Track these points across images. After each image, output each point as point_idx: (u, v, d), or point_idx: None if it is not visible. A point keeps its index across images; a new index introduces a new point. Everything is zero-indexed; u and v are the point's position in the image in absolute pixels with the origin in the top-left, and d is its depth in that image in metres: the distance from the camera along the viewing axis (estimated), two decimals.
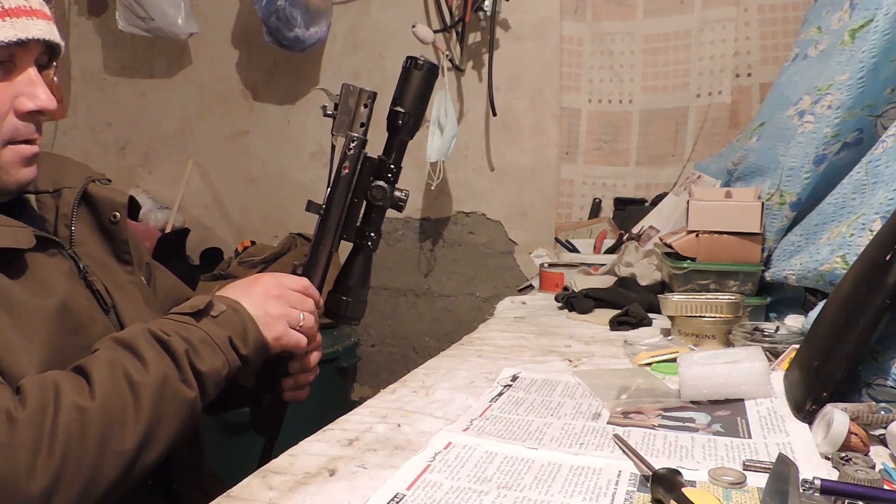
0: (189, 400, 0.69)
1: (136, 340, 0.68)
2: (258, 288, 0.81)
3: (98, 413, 0.61)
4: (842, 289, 0.77)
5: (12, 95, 0.73)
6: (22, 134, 0.74)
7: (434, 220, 2.50)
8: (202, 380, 0.70)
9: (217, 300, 0.76)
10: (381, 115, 0.93)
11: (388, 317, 2.60)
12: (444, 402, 0.80)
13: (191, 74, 2.77)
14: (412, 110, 0.92)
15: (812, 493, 0.52)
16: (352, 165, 0.91)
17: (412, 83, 0.91)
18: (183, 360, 0.69)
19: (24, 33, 0.71)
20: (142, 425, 0.64)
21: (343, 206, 0.91)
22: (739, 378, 0.76)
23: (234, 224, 2.75)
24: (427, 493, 0.56)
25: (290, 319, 0.81)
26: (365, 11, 2.49)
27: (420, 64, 0.91)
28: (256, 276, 0.83)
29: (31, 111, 0.74)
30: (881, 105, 1.06)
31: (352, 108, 0.91)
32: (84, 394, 0.62)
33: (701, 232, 1.19)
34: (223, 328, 0.74)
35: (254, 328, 0.77)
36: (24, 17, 0.71)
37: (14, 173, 0.75)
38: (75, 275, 0.78)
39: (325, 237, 0.91)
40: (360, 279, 0.93)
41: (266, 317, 0.79)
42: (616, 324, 1.18)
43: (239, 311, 0.77)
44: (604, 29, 2.20)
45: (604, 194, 2.22)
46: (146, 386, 0.65)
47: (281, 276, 0.84)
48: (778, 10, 1.99)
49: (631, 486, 0.57)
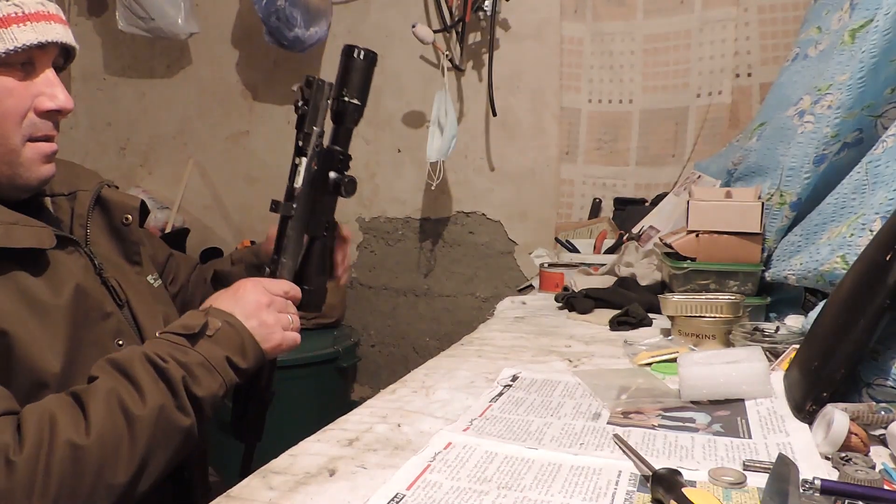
0: (185, 428, 0.70)
1: (133, 366, 0.69)
2: (249, 297, 0.81)
3: (93, 450, 0.62)
4: (842, 289, 0.77)
5: (33, 95, 0.77)
6: (41, 131, 0.78)
7: (434, 220, 2.50)
8: (199, 405, 0.71)
9: (212, 315, 0.77)
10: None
11: (388, 317, 2.60)
12: (444, 402, 0.80)
13: (191, 74, 2.77)
14: (360, 99, 0.92)
15: (812, 493, 0.52)
16: (319, 161, 0.91)
17: (355, 71, 0.91)
18: (179, 388, 0.70)
19: (43, 36, 0.75)
20: (136, 458, 0.65)
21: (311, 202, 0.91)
22: (739, 378, 0.76)
23: (234, 224, 2.75)
24: (427, 493, 0.56)
25: (283, 324, 0.83)
26: (365, 11, 2.49)
27: (360, 51, 0.91)
28: (240, 283, 0.84)
29: (51, 110, 0.78)
30: (881, 105, 1.06)
31: (318, 102, 0.91)
32: (80, 429, 0.63)
33: (701, 232, 1.19)
34: (220, 347, 0.75)
35: (252, 342, 0.79)
36: (43, 22, 0.75)
37: (35, 170, 0.79)
38: (91, 271, 0.82)
39: (294, 234, 0.91)
40: (319, 268, 0.93)
41: (262, 328, 0.80)
42: (616, 324, 1.18)
43: (235, 325, 0.78)
44: (604, 29, 2.20)
45: (604, 194, 2.22)
46: (142, 419, 0.66)
47: (264, 283, 0.85)
48: (778, 10, 1.99)
49: (631, 486, 0.57)
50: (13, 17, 0.73)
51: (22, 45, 0.73)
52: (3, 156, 0.76)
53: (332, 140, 0.92)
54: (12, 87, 0.75)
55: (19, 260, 0.72)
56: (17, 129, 0.76)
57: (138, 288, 0.89)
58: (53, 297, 0.74)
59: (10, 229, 0.72)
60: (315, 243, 0.93)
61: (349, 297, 2.57)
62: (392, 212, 2.56)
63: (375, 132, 2.54)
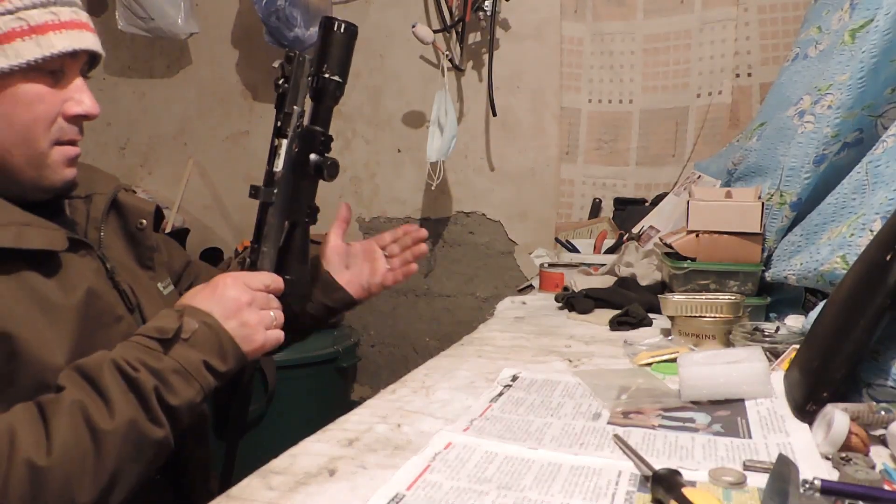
0: (158, 440, 0.68)
1: (101, 377, 0.66)
2: (229, 294, 0.78)
3: (54, 471, 0.61)
4: (842, 289, 0.77)
5: (62, 100, 0.78)
6: (67, 135, 0.80)
7: (434, 220, 2.50)
8: (174, 414, 0.69)
9: (188, 315, 0.74)
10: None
11: (388, 317, 2.60)
12: (444, 402, 0.80)
13: (191, 74, 2.77)
14: (340, 75, 0.87)
15: (812, 493, 0.52)
16: (299, 143, 0.86)
17: (335, 46, 0.87)
18: (151, 399, 0.67)
19: (77, 44, 0.77)
20: (104, 475, 0.64)
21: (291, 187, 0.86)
22: (739, 378, 0.76)
23: (234, 224, 2.75)
24: (427, 493, 0.56)
25: (265, 323, 0.80)
26: (365, 11, 2.49)
27: (340, 24, 0.87)
28: (219, 279, 0.80)
29: (78, 115, 0.79)
30: (881, 105, 1.06)
31: (298, 80, 0.86)
32: (41, 449, 0.61)
33: (701, 232, 1.19)
34: (197, 351, 0.72)
35: (231, 344, 0.76)
36: (76, 30, 0.77)
37: (60, 172, 0.80)
38: (103, 275, 0.82)
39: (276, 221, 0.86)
40: (300, 256, 0.89)
41: (243, 328, 0.77)
42: (616, 324, 1.18)
43: (212, 325, 0.75)
44: (604, 29, 2.20)
45: (604, 194, 2.22)
46: (110, 433, 0.64)
47: (244, 277, 0.81)
48: (778, 10, 1.99)
49: (631, 486, 0.57)
50: (50, 25, 0.75)
51: (58, 52, 0.75)
52: (31, 158, 0.77)
53: (311, 120, 0.87)
54: (44, 93, 0.76)
55: (31, 261, 0.73)
56: (47, 134, 0.77)
57: (150, 293, 0.88)
58: (64, 298, 0.74)
59: (22, 230, 0.72)
60: (296, 230, 0.88)
61: None
62: (392, 212, 2.56)
63: (375, 132, 2.54)
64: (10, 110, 0.74)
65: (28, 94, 0.75)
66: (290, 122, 0.86)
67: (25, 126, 0.75)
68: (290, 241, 0.88)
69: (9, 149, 0.75)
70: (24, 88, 0.75)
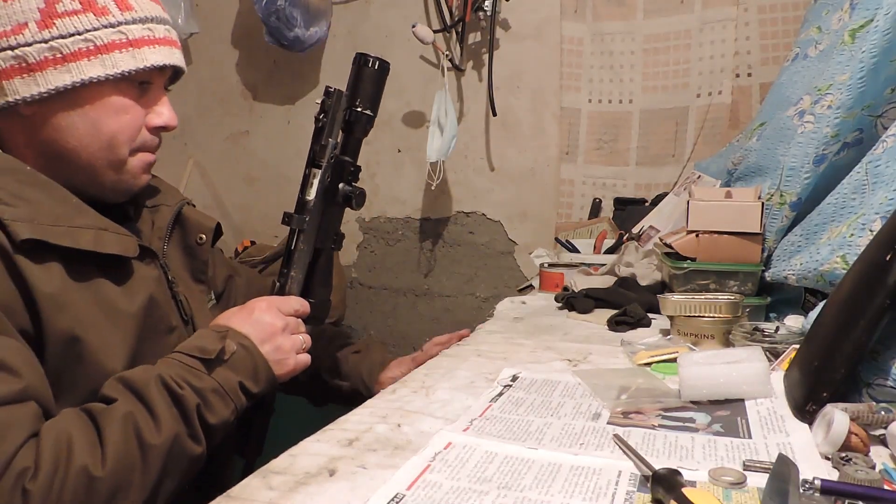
0: (195, 456, 0.71)
1: (149, 391, 0.69)
2: (265, 320, 0.82)
3: (107, 481, 0.63)
4: (842, 289, 0.77)
5: (146, 112, 0.84)
6: (148, 145, 0.85)
7: (434, 220, 2.50)
8: (211, 432, 0.72)
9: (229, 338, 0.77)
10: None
11: (388, 317, 2.60)
12: (444, 402, 0.80)
13: (191, 74, 2.76)
14: (371, 109, 0.91)
15: (812, 493, 0.52)
16: (333, 172, 0.90)
17: (367, 81, 0.90)
18: (193, 417, 0.71)
19: (168, 60, 0.82)
20: (148, 487, 0.66)
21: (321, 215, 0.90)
22: (739, 378, 0.76)
23: (234, 224, 2.75)
24: (427, 493, 0.56)
25: (296, 348, 0.85)
26: (365, 11, 2.49)
27: (374, 61, 0.90)
28: (254, 304, 0.84)
29: (159, 127, 0.85)
30: (881, 105, 1.06)
31: (336, 114, 0.90)
32: (96, 458, 0.64)
33: (701, 232, 1.19)
34: (235, 372, 0.76)
35: (265, 368, 0.79)
36: (168, 47, 0.82)
37: (138, 177, 0.85)
38: (164, 284, 0.85)
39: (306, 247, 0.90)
40: (323, 280, 0.93)
41: (277, 353, 0.81)
42: (614, 324, 1.18)
43: (249, 349, 0.79)
44: (604, 29, 2.20)
45: (604, 194, 2.22)
46: (156, 448, 0.67)
47: (277, 302, 0.86)
48: (778, 10, 1.99)
49: (631, 486, 0.57)
50: (146, 40, 0.79)
51: (150, 66, 0.79)
52: (113, 163, 0.81)
53: (341, 150, 0.91)
54: (130, 104, 0.81)
55: (103, 265, 0.75)
56: (129, 143, 0.82)
57: (202, 307, 0.91)
58: (128, 305, 0.76)
59: (100, 234, 0.75)
60: (321, 255, 0.92)
61: (349, 296, 2.57)
62: (392, 212, 2.56)
63: (375, 132, 2.52)
64: (100, 117, 0.79)
65: (116, 104, 0.79)
66: (325, 154, 0.90)
67: (112, 133, 0.80)
68: (315, 265, 0.92)
69: (94, 153, 0.80)
70: (114, 98, 0.79)
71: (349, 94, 0.90)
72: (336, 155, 0.90)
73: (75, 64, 0.75)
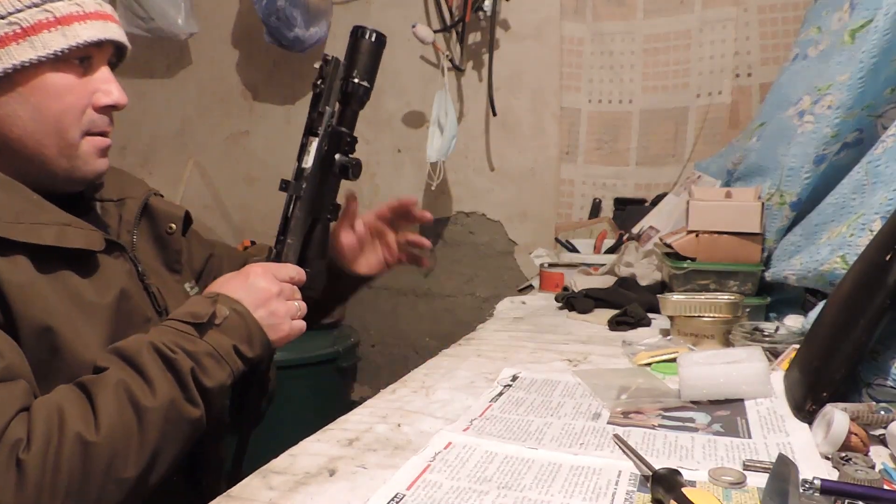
0: (194, 419, 0.70)
1: (141, 357, 0.69)
2: (259, 285, 0.81)
3: (103, 445, 0.62)
4: (842, 289, 0.77)
5: (91, 91, 0.80)
6: (98, 126, 0.81)
7: (434, 220, 2.50)
8: (207, 396, 0.71)
9: (220, 303, 0.77)
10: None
11: (388, 317, 2.60)
12: (444, 402, 0.80)
13: (191, 74, 2.77)
14: (368, 80, 0.90)
15: (812, 493, 0.52)
16: (330, 142, 0.90)
17: (364, 53, 0.90)
18: (188, 380, 0.70)
19: (102, 34, 0.78)
20: (146, 453, 0.65)
21: (317, 184, 0.90)
22: (739, 378, 0.76)
23: (234, 224, 2.75)
24: (427, 493, 0.56)
25: (290, 313, 0.83)
26: (365, 11, 2.49)
27: (371, 32, 0.90)
28: (249, 268, 0.83)
29: (107, 105, 0.81)
30: (881, 105, 1.06)
31: (332, 82, 0.90)
32: (90, 424, 0.63)
33: (701, 232, 1.19)
34: (228, 336, 0.75)
35: (259, 332, 0.78)
36: (101, 21, 0.79)
37: (92, 163, 0.81)
38: (135, 277, 0.84)
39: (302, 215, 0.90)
40: (319, 251, 0.92)
41: (271, 317, 0.80)
42: (615, 324, 1.18)
43: (243, 314, 0.77)
44: (604, 29, 2.20)
45: (604, 194, 2.22)
46: (152, 411, 0.66)
47: (273, 268, 0.84)
48: (778, 10, 1.99)
49: (631, 486, 0.57)
50: (75, 16, 0.76)
51: (83, 42, 0.76)
52: (62, 149, 0.78)
53: (338, 122, 0.91)
54: (72, 83, 0.78)
55: (69, 260, 0.74)
56: (77, 125, 0.78)
57: (177, 296, 0.90)
58: (99, 297, 0.75)
59: (63, 230, 0.73)
60: (318, 225, 0.91)
61: None
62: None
63: (375, 132, 2.54)
64: (41, 101, 0.76)
65: (57, 85, 0.76)
66: (322, 122, 0.89)
67: (56, 116, 0.77)
68: (311, 235, 0.92)
69: (41, 140, 0.77)
70: (53, 79, 0.76)
71: (346, 65, 0.90)
72: (333, 125, 0.90)
73: (4, 49, 0.73)
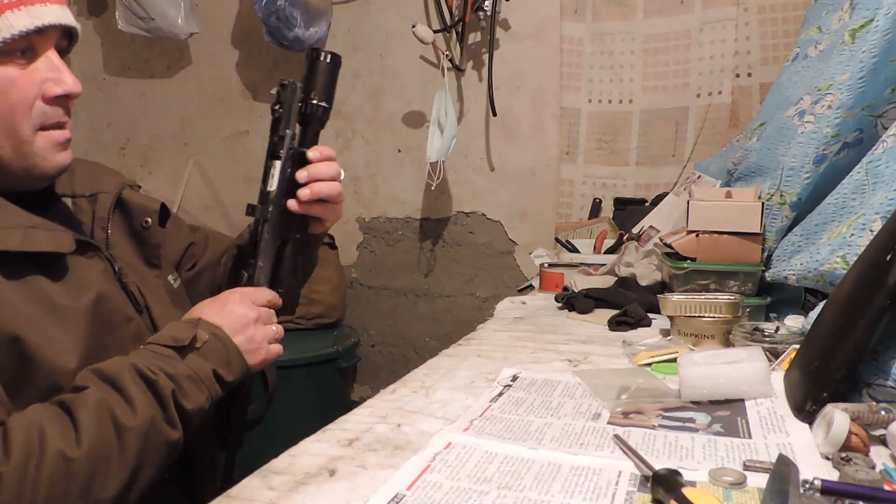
0: (173, 441, 0.70)
1: (122, 378, 0.68)
2: (237, 311, 0.81)
3: (84, 463, 0.62)
4: (842, 289, 0.77)
5: (38, 82, 0.74)
6: (52, 118, 0.76)
7: (434, 220, 2.50)
8: (187, 418, 0.71)
9: (200, 328, 0.76)
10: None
11: (388, 317, 2.60)
12: (444, 402, 0.80)
13: (191, 74, 2.77)
14: (327, 101, 0.92)
15: (812, 493, 0.52)
16: (293, 164, 0.91)
17: (321, 73, 0.91)
18: (169, 402, 0.69)
19: (40, 20, 0.72)
20: (126, 472, 0.65)
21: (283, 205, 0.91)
22: (739, 378, 0.76)
23: (234, 224, 2.75)
24: (427, 493, 0.56)
25: (268, 338, 0.84)
26: (365, 11, 2.49)
27: (326, 54, 0.91)
28: (227, 295, 0.84)
29: (59, 96, 0.75)
30: (881, 105, 1.06)
31: (291, 105, 0.91)
32: (70, 441, 0.62)
33: (701, 232, 1.19)
34: (208, 360, 0.75)
35: (238, 357, 0.79)
36: (37, 5, 0.72)
37: (50, 159, 0.76)
38: (111, 276, 0.81)
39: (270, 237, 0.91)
40: (291, 270, 0.93)
41: (249, 343, 0.81)
42: (615, 324, 1.18)
43: (222, 339, 0.78)
44: (604, 29, 2.20)
45: (604, 194, 2.22)
46: (133, 431, 0.66)
47: (250, 294, 0.85)
48: (778, 10, 1.99)
49: (631, 486, 0.57)
50: (5, 4, 0.70)
51: (18, 32, 0.70)
52: (16, 148, 0.74)
53: (300, 142, 0.92)
54: (16, 76, 0.72)
55: (38, 264, 0.71)
56: (27, 120, 0.73)
57: (158, 292, 0.89)
58: (72, 301, 0.73)
59: (29, 233, 0.70)
60: (287, 245, 0.93)
61: (349, 297, 2.57)
62: (392, 212, 2.56)
63: (375, 132, 2.54)
64: None
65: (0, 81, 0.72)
66: (284, 145, 0.91)
67: (2, 114, 0.72)
68: (282, 256, 0.93)
69: None
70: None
71: (304, 87, 0.91)
72: (294, 147, 0.91)
73: None
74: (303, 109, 0.91)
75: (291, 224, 0.92)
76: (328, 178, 0.91)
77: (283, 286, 0.92)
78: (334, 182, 0.92)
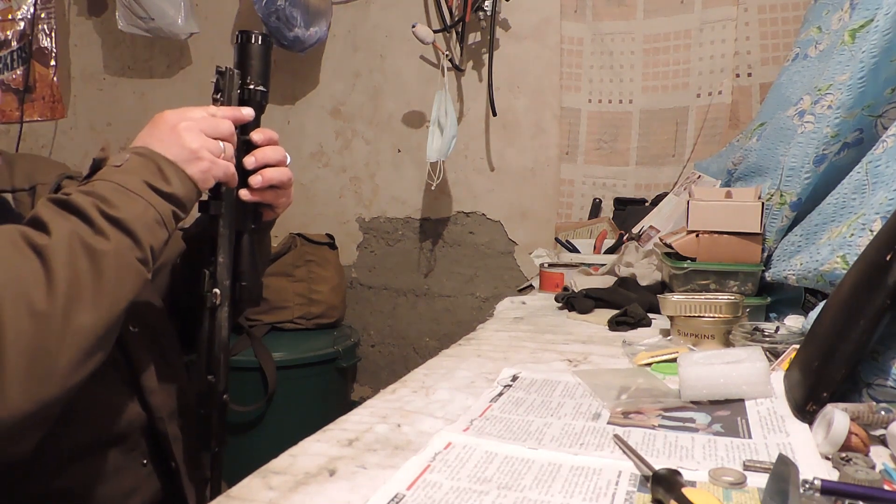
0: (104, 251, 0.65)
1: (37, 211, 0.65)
2: (163, 126, 0.75)
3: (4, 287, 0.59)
4: (842, 289, 0.77)
5: None
6: None
7: (434, 220, 2.50)
8: (123, 226, 0.67)
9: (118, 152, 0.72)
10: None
11: (388, 317, 2.60)
12: (444, 402, 0.80)
13: (191, 74, 2.77)
14: (264, 84, 0.89)
15: (812, 493, 0.52)
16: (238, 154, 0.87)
17: (255, 57, 0.89)
18: (92, 212, 0.65)
19: None
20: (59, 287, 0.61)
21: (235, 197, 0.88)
22: (739, 378, 0.76)
23: None
24: (427, 493, 0.56)
25: (210, 149, 0.78)
26: (365, 11, 2.49)
27: (256, 36, 0.89)
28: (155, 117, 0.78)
29: None
30: (881, 105, 1.06)
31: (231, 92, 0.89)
32: None
33: (701, 232, 1.19)
34: (134, 175, 0.70)
35: (170, 165, 0.73)
36: None
37: None
38: None
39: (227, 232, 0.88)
40: (250, 262, 0.91)
41: (184, 152, 0.75)
42: (615, 324, 1.18)
43: (146, 154, 0.73)
44: (604, 29, 2.20)
45: (604, 194, 2.22)
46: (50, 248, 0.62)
47: (184, 109, 0.79)
48: (778, 10, 1.99)
49: (631, 486, 0.57)
50: None
51: None
52: None
53: (241, 130, 0.89)
54: None
55: None
56: None
57: None
58: None
59: None
60: (244, 237, 0.90)
61: (349, 297, 2.57)
62: (392, 212, 2.56)
63: (375, 132, 2.54)
64: None
65: None
66: None
67: None
68: (240, 248, 0.90)
69: None
70: None
71: (240, 73, 0.89)
72: (239, 135, 0.88)
73: None
74: (241, 96, 0.89)
75: (246, 215, 0.90)
76: (276, 163, 0.88)
77: (246, 279, 0.89)
78: (283, 167, 0.89)
